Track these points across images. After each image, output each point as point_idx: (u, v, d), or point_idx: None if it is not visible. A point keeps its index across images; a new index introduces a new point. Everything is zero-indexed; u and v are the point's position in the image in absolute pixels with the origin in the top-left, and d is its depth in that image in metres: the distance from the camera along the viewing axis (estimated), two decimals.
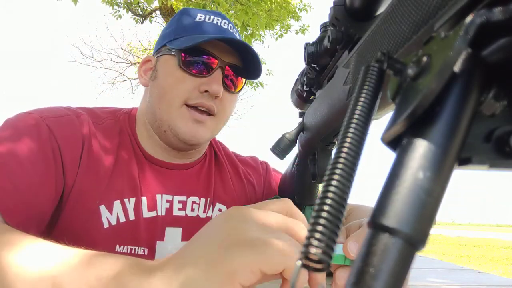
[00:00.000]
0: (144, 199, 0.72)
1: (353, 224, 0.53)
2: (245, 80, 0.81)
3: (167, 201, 0.75)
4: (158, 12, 6.88)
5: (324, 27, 0.46)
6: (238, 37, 0.78)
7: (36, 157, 0.62)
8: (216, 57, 0.73)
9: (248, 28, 5.38)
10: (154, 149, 0.78)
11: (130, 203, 0.70)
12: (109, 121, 0.76)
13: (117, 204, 0.69)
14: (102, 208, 0.67)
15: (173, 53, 0.74)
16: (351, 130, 0.16)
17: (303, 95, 0.58)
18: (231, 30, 0.78)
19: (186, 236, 0.76)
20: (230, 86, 0.77)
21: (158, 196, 0.74)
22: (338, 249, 0.36)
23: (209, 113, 0.74)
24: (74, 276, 0.35)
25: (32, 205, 0.58)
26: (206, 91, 0.72)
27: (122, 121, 0.78)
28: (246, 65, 0.77)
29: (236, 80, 0.78)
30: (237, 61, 0.76)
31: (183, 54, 0.73)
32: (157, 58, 0.78)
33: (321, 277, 0.36)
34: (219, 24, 0.76)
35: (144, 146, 0.77)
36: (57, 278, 0.35)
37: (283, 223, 0.35)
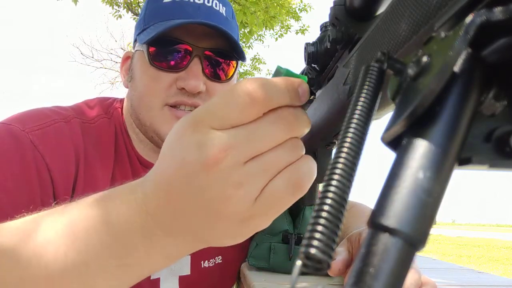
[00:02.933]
0: None
1: (354, 234, 0.53)
2: (237, 64, 0.68)
3: None
4: None
5: (324, 27, 0.45)
6: (218, 9, 0.65)
7: (15, 185, 0.52)
8: (190, 44, 0.62)
9: (246, 25, 5.37)
10: (149, 154, 0.68)
11: None
12: (102, 120, 0.66)
13: None
14: None
15: (142, 48, 0.64)
16: (351, 130, 0.16)
17: None
18: (209, 4, 0.64)
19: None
20: (216, 75, 0.65)
21: None
22: None
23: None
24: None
25: None
26: (183, 88, 0.62)
27: (116, 119, 0.68)
28: (233, 45, 0.64)
29: (225, 66, 0.66)
30: (219, 43, 0.64)
31: (151, 48, 0.63)
32: (133, 55, 0.68)
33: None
34: (192, 0, 0.63)
35: (140, 151, 0.67)
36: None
37: None
